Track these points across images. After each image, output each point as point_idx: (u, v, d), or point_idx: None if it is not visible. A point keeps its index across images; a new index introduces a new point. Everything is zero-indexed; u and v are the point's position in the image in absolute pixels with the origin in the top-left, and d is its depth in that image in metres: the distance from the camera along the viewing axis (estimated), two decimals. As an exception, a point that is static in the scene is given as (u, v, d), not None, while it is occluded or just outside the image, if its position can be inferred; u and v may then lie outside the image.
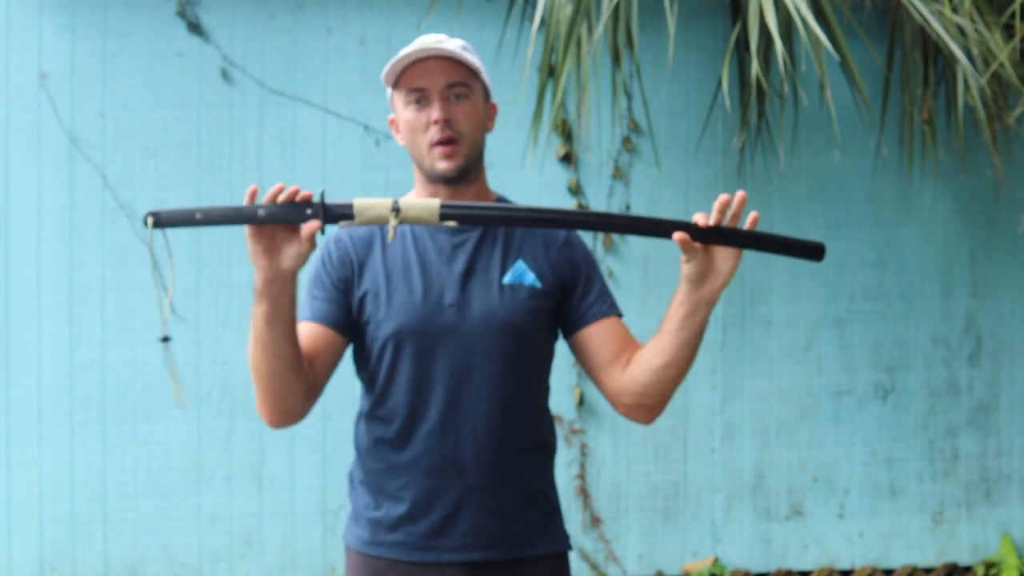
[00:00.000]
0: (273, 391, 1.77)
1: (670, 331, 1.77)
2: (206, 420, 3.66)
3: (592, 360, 1.89)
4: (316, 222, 1.65)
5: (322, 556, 3.71)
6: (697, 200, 3.83)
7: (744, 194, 1.71)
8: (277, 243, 1.67)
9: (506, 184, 3.64)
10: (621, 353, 1.86)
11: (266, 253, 1.67)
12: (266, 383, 1.76)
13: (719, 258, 1.73)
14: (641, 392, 1.83)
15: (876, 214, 3.93)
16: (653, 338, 1.81)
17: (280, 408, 1.80)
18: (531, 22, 3.63)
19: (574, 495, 3.82)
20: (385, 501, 1.87)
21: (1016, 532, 4.05)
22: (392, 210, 1.68)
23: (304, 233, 1.65)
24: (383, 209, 1.68)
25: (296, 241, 1.67)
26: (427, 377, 1.83)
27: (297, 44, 3.68)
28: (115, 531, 3.62)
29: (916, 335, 3.97)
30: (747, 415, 3.89)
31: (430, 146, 1.84)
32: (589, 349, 1.88)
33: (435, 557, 1.85)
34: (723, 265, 1.73)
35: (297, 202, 1.66)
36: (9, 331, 3.58)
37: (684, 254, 1.72)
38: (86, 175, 3.60)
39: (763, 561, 3.92)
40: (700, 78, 3.82)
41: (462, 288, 1.84)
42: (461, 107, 1.84)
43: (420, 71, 1.83)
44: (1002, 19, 3.46)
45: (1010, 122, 3.57)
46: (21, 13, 3.56)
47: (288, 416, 1.82)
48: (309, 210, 1.66)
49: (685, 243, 1.69)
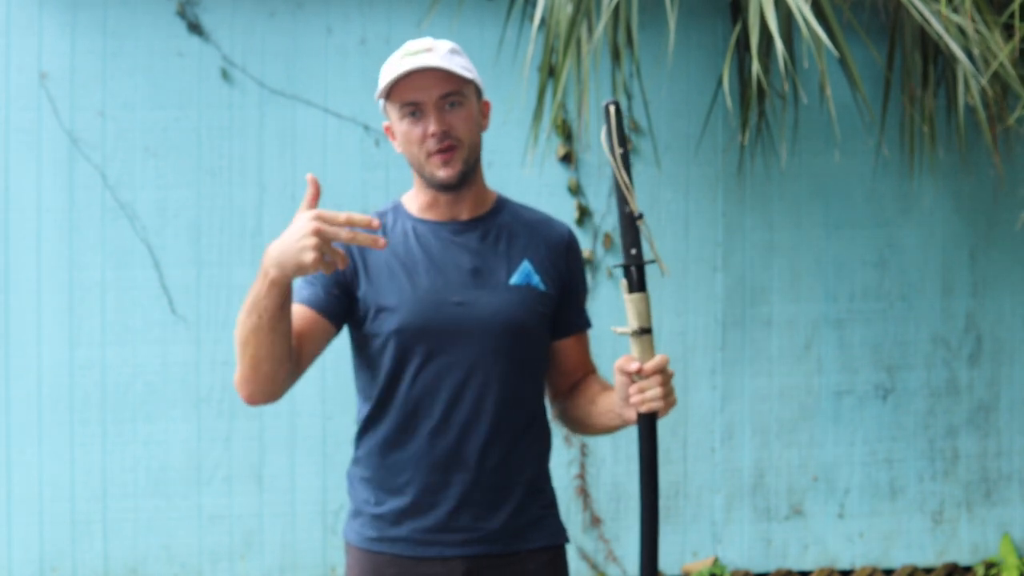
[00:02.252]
0: (263, 372, 1.75)
1: (596, 414, 1.91)
2: (206, 420, 3.66)
3: (555, 368, 2.00)
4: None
5: (322, 556, 3.71)
6: (697, 200, 3.84)
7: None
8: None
9: (506, 184, 3.64)
10: (575, 371, 1.99)
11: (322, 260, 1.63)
12: (257, 363, 1.74)
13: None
14: (564, 422, 2.02)
15: (876, 214, 3.93)
16: (586, 394, 1.95)
17: (264, 388, 1.78)
18: (531, 22, 3.63)
19: (574, 495, 3.81)
20: (388, 497, 1.87)
21: (1016, 532, 4.05)
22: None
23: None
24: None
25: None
26: (431, 373, 1.83)
27: (297, 44, 3.68)
28: (115, 531, 3.62)
29: (916, 335, 3.97)
30: (747, 415, 3.89)
31: (428, 156, 1.83)
32: (559, 357, 1.99)
33: (438, 552, 1.86)
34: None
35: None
36: (9, 331, 3.57)
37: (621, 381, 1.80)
38: (86, 175, 3.59)
39: (763, 561, 3.92)
40: (700, 78, 3.82)
41: (468, 286, 1.85)
42: (456, 115, 1.84)
43: (412, 85, 1.82)
44: (1002, 19, 3.46)
45: (1010, 122, 3.57)
46: (21, 13, 3.56)
47: (269, 396, 1.80)
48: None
49: (623, 371, 1.78)
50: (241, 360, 1.75)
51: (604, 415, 1.88)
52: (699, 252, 3.82)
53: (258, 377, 1.76)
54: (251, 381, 1.77)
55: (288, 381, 1.80)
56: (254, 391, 1.79)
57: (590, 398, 1.93)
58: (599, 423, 1.91)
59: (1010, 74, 3.33)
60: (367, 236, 1.62)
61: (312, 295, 1.84)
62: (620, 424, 1.85)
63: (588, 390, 1.95)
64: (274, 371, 1.75)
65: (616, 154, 1.75)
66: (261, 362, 1.74)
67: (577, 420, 1.97)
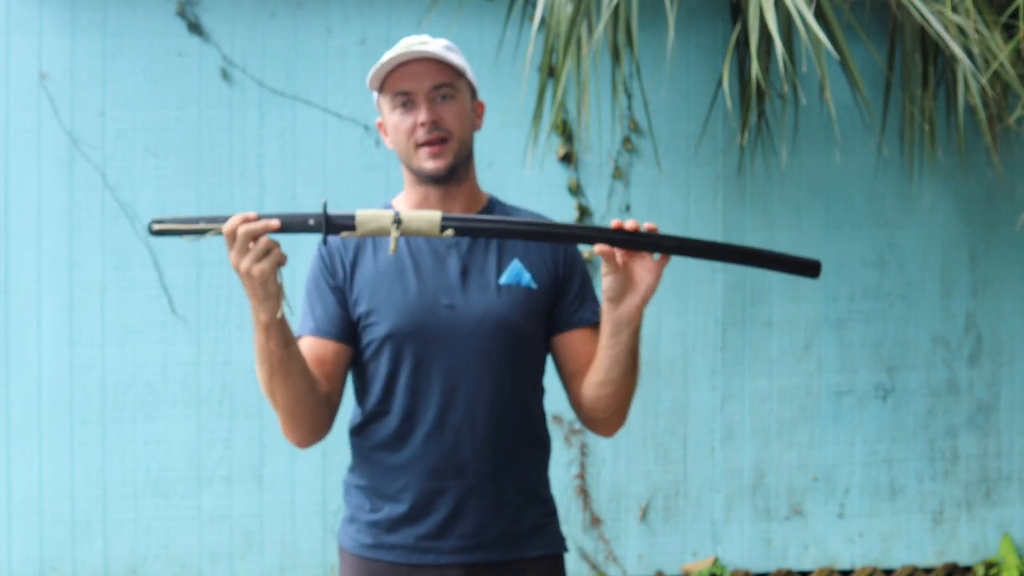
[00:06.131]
0: (299, 415, 1.78)
1: (601, 349, 1.79)
2: (206, 420, 3.66)
3: (564, 367, 1.91)
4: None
5: (322, 556, 3.71)
6: (697, 200, 3.84)
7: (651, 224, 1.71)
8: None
9: (506, 184, 3.64)
10: (588, 366, 1.86)
11: (276, 295, 1.67)
12: (292, 406, 1.76)
13: (638, 274, 1.72)
14: (590, 407, 1.86)
15: (876, 214, 3.93)
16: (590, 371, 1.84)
17: (308, 429, 1.81)
18: (531, 22, 3.63)
19: (574, 495, 3.81)
20: (383, 503, 1.86)
21: (1016, 532, 4.05)
22: (394, 222, 1.68)
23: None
24: (385, 221, 1.69)
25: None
26: (424, 378, 1.82)
27: (297, 44, 3.68)
28: (115, 531, 3.62)
29: (916, 335, 3.97)
30: (747, 415, 3.89)
31: (417, 147, 1.83)
32: (565, 355, 1.90)
33: (434, 559, 1.84)
34: (641, 282, 1.72)
35: (300, 213, 1.68)
36: (9, 331, 3.57)
37: (604, 266, 1.72)
38: (86, 175, 3.59)
39: (763, 561, 3.92)
40: (700, 78, 3.82)
41: (458, 289, 1.83)
42: (448, 107, 1.83)
43: (404, 74, 1.82)
44: (1002, 19, 3.46)
45: (1010, 122, 3.57)
46: (21, 13, 3.56)
47: (317, 433, 1.83)
48: (311, 220, 1.68)
49: (606, 254, 1.69)
50: (276, 411, 1.79)
51: (600, 338, 1.79)
52: (699, 252, 3.82)
53: (296, 421, 1.79)
54: (292, 427, 1.80)
55: (328, 413, 1.83)
56: (301, 436, 1.82)
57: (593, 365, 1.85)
58: (601, 351, 1.78)
59: (1010, 74, 3.33)
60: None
61: (314, 325, 1.85)
62: (612, 326, 1.74)
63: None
64: (307, 410, 1.78)
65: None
66: (292, 406, 1.76)
67: (594, 384, 1.83)
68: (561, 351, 1.90)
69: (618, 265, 1.70)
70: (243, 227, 1.63)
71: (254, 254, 1.63)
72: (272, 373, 1.72)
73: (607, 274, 1.72)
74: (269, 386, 1.75)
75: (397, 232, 1.69)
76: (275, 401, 1.77)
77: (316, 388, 1.78)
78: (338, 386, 1.85)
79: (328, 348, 1.83)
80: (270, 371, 1.72)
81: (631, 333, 1.76)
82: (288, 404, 1.76)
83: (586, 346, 1.88)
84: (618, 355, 1.78)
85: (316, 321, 1.85)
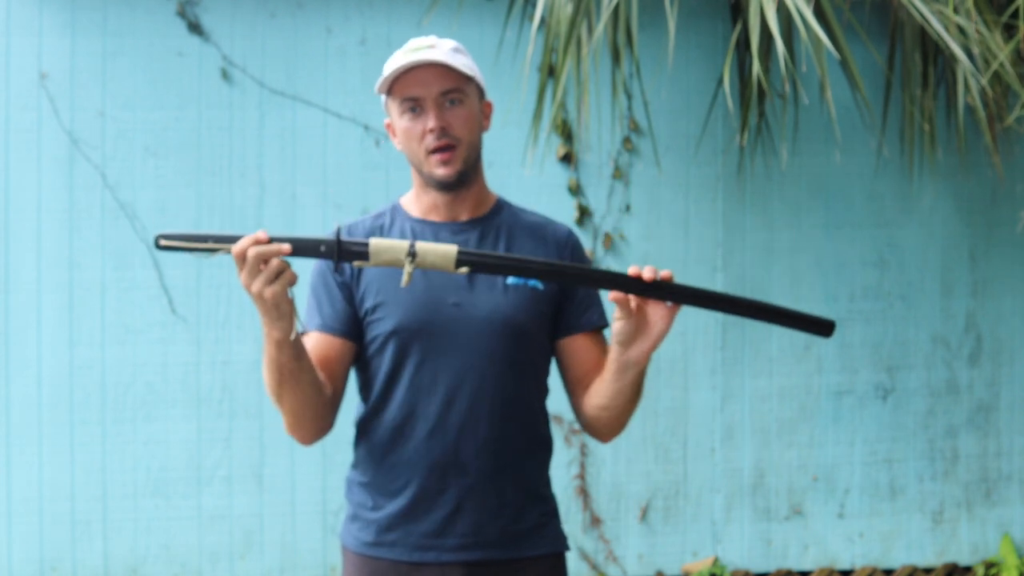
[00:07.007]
0: (306, 417, 1.80)
1: (605, 380, 1.81)
2: (206, 420, 3.66)
3: (568, 371, 1.92)
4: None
5: (322, 556, 3.71)
6: (697, 200, 3.84)
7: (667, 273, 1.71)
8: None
9: (506, 184, 3.64)
10: (591, 372, 1.88)
11: (289, 314, 1.67)
12: (299, 410, 1.78)
13: (651, 320, 1.72)
14: (589, 422, 1.89)
15: (876, 214, 3.93)
16: (598, 376, 1.84)
17: (313, 428, 1.83)
18: (531, 22, 3.63)
19: (574, 495, 3.81)
20: (385, 501, 1.86)
21: (1016, 532, 4.05)
22: (408, 255, 1.67)
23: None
24: (399, 253, 1.67)
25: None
26: (427, 375, 1.83)
27: (297, 44, 3.68)
28: (115, 531, 3.62)
29: (916, 335, 3.97)
30: (747, 415, 3.89)
31: (427, 153, 1.83)
32: (569, 360, 1.91)
33: (435, 557, 1.84)
34: (653, 328, 1.72)
35: (312, 238, 1.67)
36: (9, 331, 3.57)
37: (618, 311, 1.72)
38: (86, 175, 3.59)
39: (763, 561, 3.92)
40: (700, 78, 3.82)
41: (465, 287, 1.84)
42: (456, 113, 1.83)
43: (413, 80, 1.82)
44: (1002, 19, 3.46)
45: (1010, 122, 3.57)
46: (21, 13, 3.56)
47: (321, 432, 1.86)
48: (323, 247, 1.67)
49: (620, 301, 1.70)
50: (281, 412, 1.80)
51: (605, 370, 1.79)
52: (699, 252, 3.83)
53: (301, 423, 1.81)
54: (297, 428, 1.83)
55: (332, 411, 1.85)
56: (305, 435, 1.84)
57: (596, 380, 1.85)
58: (605, 382, 1.80)
59: (1010, 74, 3.33)
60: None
61: (321, 321, 1.86)
62: (619, 366, 1.75)
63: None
64: (314, 412, 1.80)
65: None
66: (300, 410, 1.79)
67: (595, 406, 1.85)
68: (566, 355, 1.91)
69: (631, 311, 1.71)
70: (253, 249, 1.62)
71: (265, 276, 1.63)
72: (281, 382, 1.74)
73: (619, 319, 1.72)
74: (277, 392, 1.77)
75: (411, 267, 1.68)
76: (281, 405, 1.79)
77: (323, 391, 1.80)
78: (342, 384, 1.87)
79: (334, 345, 1.85)
80: (279, 380, 1.74)
81: (637, 374, 1.78)
82: (295, 408, 1.78)
83: (591, 352, 1.90)
84: (622, 389, 1.80)
85: (323, 317, 1.86)
